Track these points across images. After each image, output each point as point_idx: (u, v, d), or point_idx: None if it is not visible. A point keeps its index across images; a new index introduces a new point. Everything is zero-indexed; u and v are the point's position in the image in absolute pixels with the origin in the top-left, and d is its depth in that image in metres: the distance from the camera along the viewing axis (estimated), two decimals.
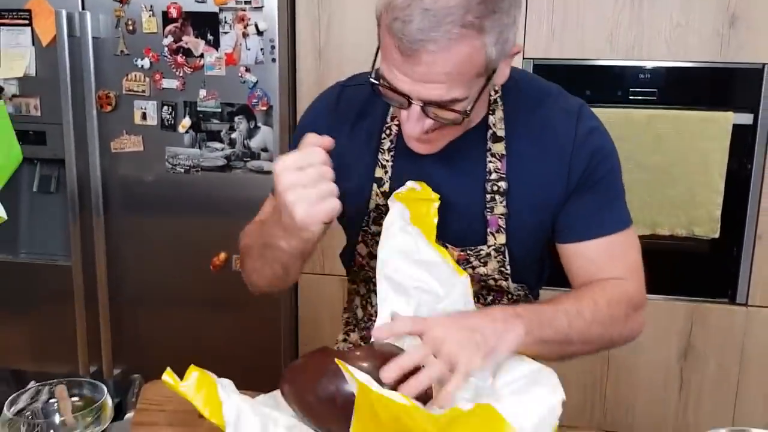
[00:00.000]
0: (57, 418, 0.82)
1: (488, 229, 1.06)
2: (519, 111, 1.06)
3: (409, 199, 1.00)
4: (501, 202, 1.05)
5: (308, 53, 2.07)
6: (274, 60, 1.96)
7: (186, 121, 2.03)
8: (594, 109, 1.93)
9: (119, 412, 1.03)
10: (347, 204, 0.95)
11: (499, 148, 1.05)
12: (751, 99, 1.91)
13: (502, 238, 1.06)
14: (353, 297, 1.26)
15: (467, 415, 0.77)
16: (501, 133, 1.05)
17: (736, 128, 1.90)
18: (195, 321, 2.16)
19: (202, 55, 1.98)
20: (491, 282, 1.10)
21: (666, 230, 1.98)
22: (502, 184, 1.04)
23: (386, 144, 1.08)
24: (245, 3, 1.92)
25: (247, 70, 1.97)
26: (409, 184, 1.01)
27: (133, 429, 0.99)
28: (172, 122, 2.04)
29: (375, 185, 1.09)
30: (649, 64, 1.95)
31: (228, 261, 2.10)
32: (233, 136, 2.01)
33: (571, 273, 1.09)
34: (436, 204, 0.99)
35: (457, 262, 1.04)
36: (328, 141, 0.90)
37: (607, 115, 1.90)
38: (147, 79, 2.03)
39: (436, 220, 0.98)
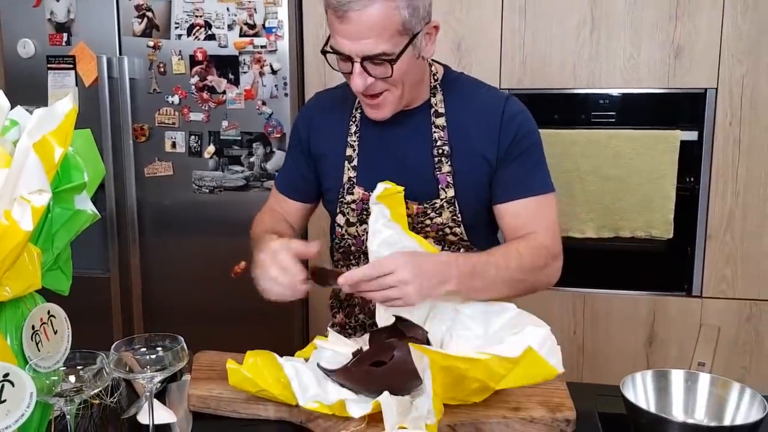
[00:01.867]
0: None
1: (439, 185, 1.32)
2: (457, 95, 1.36)
3: (385, 198, 1.27)
4: (447, 163, 1.32)
5: (315, 88, 2.38)
6: (286, 94, 2.28)
7: (210, 148, 2.34)
8: (561, 131, 2.28)
9: (174, 377, 1.27)
10: (327, 183, 1.37)
11: (441, 121, 1.34)
12: (696, 119, 2.22)
13: (451, 192, 1.32)
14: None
15: (517, 360, 0.98)
16: (441, 110, 1.34)
17: (684, 144, 2.21)
18: (218, 327, 2.42)
19: (224, 92, 2.30)
20: (447, 230, 1.36)
21: (627, 233, 2.27)
22: (446, 149, 1.32)
23: (353, 128, 1.38)
24: (261, 47, 2.25)
25: (264, 103, 2.29)
26: (381, 185, 1.27)
27: (192, 383, 1.21)
28: (198, 149, 2.35)
29: (346, 162, 1.38)
30: (607, 91, 2.25)
31: (248, 269, 2.38)
32: (251, 159, 2.32)
33: (503, 229, 1.36)
34: (401, 194, 1.27)
35: (417, 215, 1.33)
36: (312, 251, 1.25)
37: (573, 135, 2.24)
38: (176, 113, 2.34)
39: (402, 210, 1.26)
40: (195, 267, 2.43)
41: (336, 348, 1.26)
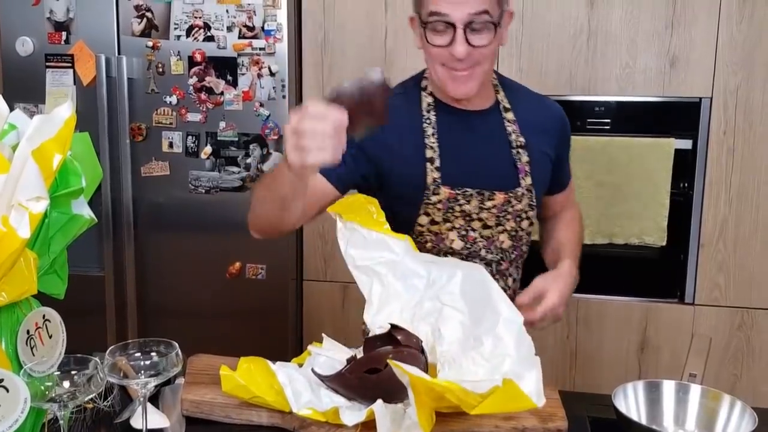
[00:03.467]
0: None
1: (519, 175, 1.42)
2: (515, 93, 1.48)
3: (343, 207, 1.29)
4: (524, 153, 1.43)
5: (313, 91, 2.39)
6: (284, 96, 2.28)
7: (207, 149, 2.34)
8: None
9: (168, 381, 1.28)
10: (401, 186, 1.37)
11: (510, 116, 1.44)
12: (690, 127, 2.23)
13: (529, 180, 1.43)
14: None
15: (495, 391, 0.97)
16: (508, 105, 1.45)
17: (678, 152, 2.22)
18: (213, 327, 2.42)
19: (222, 93, 2.30)
20: (523, 215, 1.45)
21: (621, 239, 2.28)
22: (522, 140, 1.43)
23: (429, 131, 1.39)
24: (260, 49, 2.26)
25: (261, 105, 2.29)
26: (344, 197, 1.32)
27: (186, 388, 1.22)
28: (195, 150, 2.36)
29: (428, 164, 1.38)
30: (603, 99, 2.27)
31: (242, 270, 2.40)
32: (248, 161, 2.33)
33: (548, 210, 1.59)
34: (361, 198, 1.30)
35: (502, 204, 1.40)
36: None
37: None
38: (174, 113, 2.35)
39: (372, 207, 1.28)
40: (190, 267, 2.44)
41: (330, 354, 1.27)
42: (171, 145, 2.37)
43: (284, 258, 2.39)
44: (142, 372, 1.06)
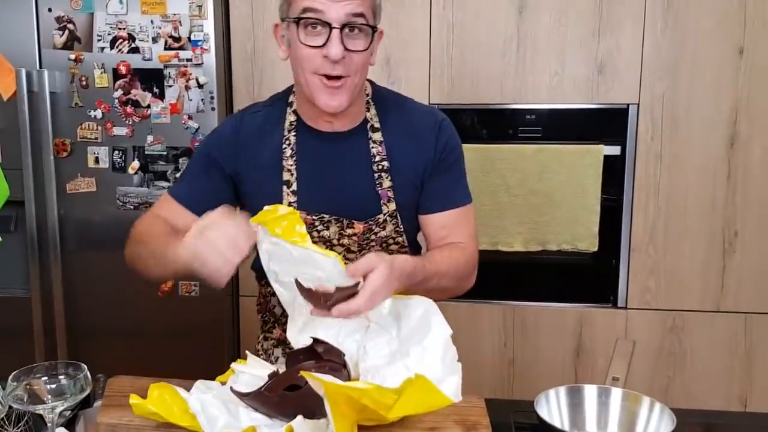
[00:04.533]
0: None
1: (381, 201, 1.32)
2: (389, 109, 1.36)
3: (265, 218, 1.22)
4: (387, 178, 1.32)
5: (244, 101, 2.35)
6: (213, 108, 2.24)
7: (135, 164, 2.28)
8: (489, 145, 2.31)
9: (87, 403, 1.21)
10: (261, 207, 1.24)
11: (377, 136, 1.34)
12: (619, 134, 2.28)
13: (393, 206, 1.33)
14: (269, 298, 1.48)
15: (408, 387, 0.95)
16: (377, 125, 1.34)
17: (607, 158, 2.26)
18: (146, 346, 2.36)
19: (149, 106, 2.24)
20: (390, 241, 1.36)
21: (554, 246, 2.31)
22: (385, 164, 1.32)
23: (287, 152, 1.33)
24: (187, 60, 2.21)
25: (190, 117, 2.24)
26: (266, 207, 1.24)
27: (103, 410, 1.17)
28: (123, 165, 2.29)
29: (284, 187, 1.32)
30: (534, 107, 2.30)
31: (174, 287, 2.33)
32: (178, 175, 2.27)
33: (428, 237, 1.39)
34: (283, 210, 1.22)
35: (363, 233, 1.33)
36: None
37: (500, 150, 2.27)
38: (99, 128, 2.27)
39: (299, 227, 1.21)
40: (121, 285, 2.35)
41: (253, 371, 1.23)
42: (97, 160, 2.29)
43: None
44: (50, 397, 1.00)
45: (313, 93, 1.25)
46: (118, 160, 2.28)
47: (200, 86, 2.22)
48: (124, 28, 2.21)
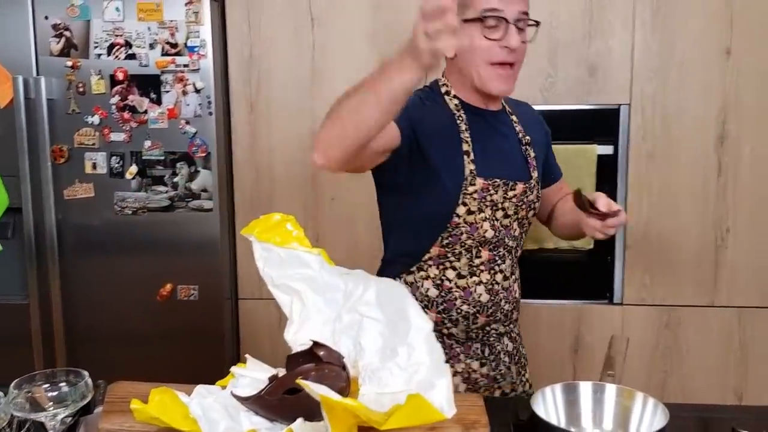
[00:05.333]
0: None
1: (530, 168, 1.54)
2: (507, 100, 1.61)
3: (255, 228, 1.27)
4: (531, 149, 1.56)
5: (241, 106, 2.37)
6: (210, 113, 2.26)
7: (133, 169, 2.29)
8: None
9: (88, 409, 1.23)
10: (447, 176, 1.43)
11: (514, 117, 1.58)
12: (611, 133, 2.30)
13: (536, 173, 1.56)
14: (419, 282, 1.51)
15: (404, 407, 0.98)
16: (509, 108, 1.59)
17: (601, 157, 2.29)
18: (146, 351, 2.37)
19: (146, 111, 2.26)
20: (533, 206, 1.56)
21: (551, 244, 2.33)
22: (527, 138, 1.56)
23: (462, 126, 1.48)
24: (184, 66, 2.23)
25: (187, 122, 2.26)
26: (260, 217, 1.29)
27: (104, 417, 1.17)
28: (120, 170, 2.30)
29: (465, 156, 1.46)
30: None
31: (173, 291, 2.35)
32: (176, 180, 2.29)
33: (549, 205, 1.68)
34: (277, 217, 1.27)
35: (519, 195, 1.51)
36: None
37: None
38: (97, 134, 2.29)
39: (289, 225, 1.26)
40: (119, 291, 2.37)
41: (253, 375, 1.25)
42: (94, 166, 2.31)
43: (218, 277, 2.35)
44: (51, 404, 1.02)
45: (486, 82, 1.45)
46: (116, 165, 2.30)
47: (197, 91, 2.24)
48: (120, 35, 2.23)
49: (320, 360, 1.19)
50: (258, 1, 2.33)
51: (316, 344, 1.21)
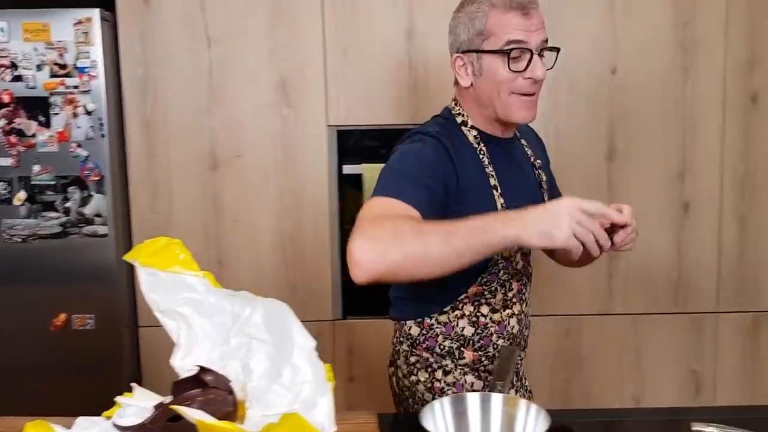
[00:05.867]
0: None
1: (542, 193, 1.55)
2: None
3: (139, 253, 1.23)
4: (543, 173, 1.57)
5: (136, 127, 2.31)
6: (103, 135, 2.19)
7: (21, 195, 2.19)
8: None
9: None
10: (481, 212, 1.30)
11: (524, 141, 1.57)
12: None
13: (547, 197, 1.54)
14: (455, 321, 1.46)
15: (278, 426, 0.96)
16: (518, 134, 1.56)
17: None
18: (41, 384, 2.26)
19: (34, 135, 2.16)
20: None
21: None
22: (539, 161, 1.56)
23: (485, 160, 1.44)
24: (74, 87, 2.15)
25: (79, 145, 2.18)
26: (146, 242, 1.25)
27: None
28: (8, 196, 2.19)
29: (494, 191, 1.43)
30: None
31: (68, 321, 2.25)
32: (67, 205, 2.20)
33: None
34: (163, 240, 1.25)
35: None
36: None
37: None
38: None
39: (177, 249, 1.23)
40: (10, 322, 2.25)
41: (139, 403, 1.21)
42: None
43: (115, 305, 2.27)
44: None
45: (510, 111, 1.40)
46: (3, 191, 2.19)
47: (89, 113, 2.16)
48: (6, 56, 2.13)
49: (206, 385, 1.16)
50: (151, 21, 2.28)
51: (202, 369, 1.18)
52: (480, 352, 1.48)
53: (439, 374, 1.52)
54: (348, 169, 2.33)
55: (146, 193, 2.34)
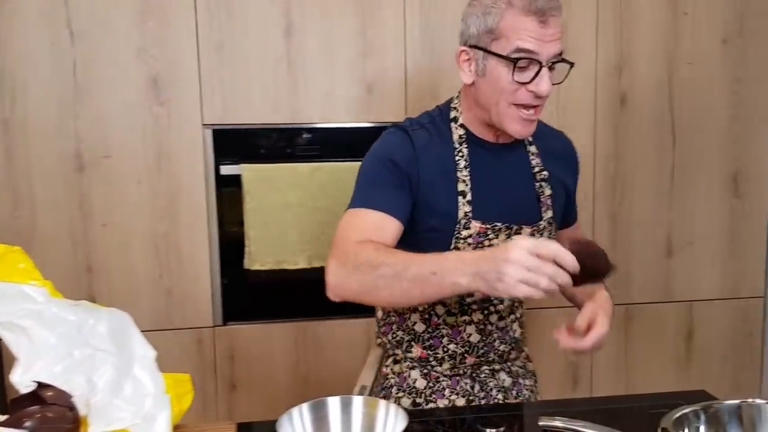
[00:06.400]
0: None
1: (541, 208, 1.43)
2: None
3: None
4: (547, 187, 1.44)
5: None
6: None
7: None
8: (268, 165, 2.31)
9: None
10: (439, 218, 1.30)
11: (533, 149, 1.46)
12: None
13: (550, 213, 1.45)
14: (407, 314, 1.46)
15: None
16: (531, 138, 1.45)
17: None
18: None
19: None
20: None
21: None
22: (545, 173, 1.45)
23: (461, 163, 1.37)
24: None
25: None
26: None
27: None
28: None
29: (460, 197, 1.35)
30: (309, 126, 2.32)
31: None
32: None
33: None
34: (2, 248, 1.16)
35: (531, 234, 1.41)
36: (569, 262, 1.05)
37: (279, 169, 2.27)
38: None
39: (17, 256, 1.15)
40: None
41: None
42: None
43: None
44: None
45: (505, 121, 1.32)
46: None
47: None
48: None
49: (45, 402, 1.08)
50: (5, 14, 2.12)
51: (41, 385, 1.10)
52: (429, 351, 1.46)
53: (389, 360, 1.53)
54: (225, 169, 2.26)
55: (6, 198, 2.17)
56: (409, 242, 1.33)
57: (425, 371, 1.48)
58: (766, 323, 2.64)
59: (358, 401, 1.16)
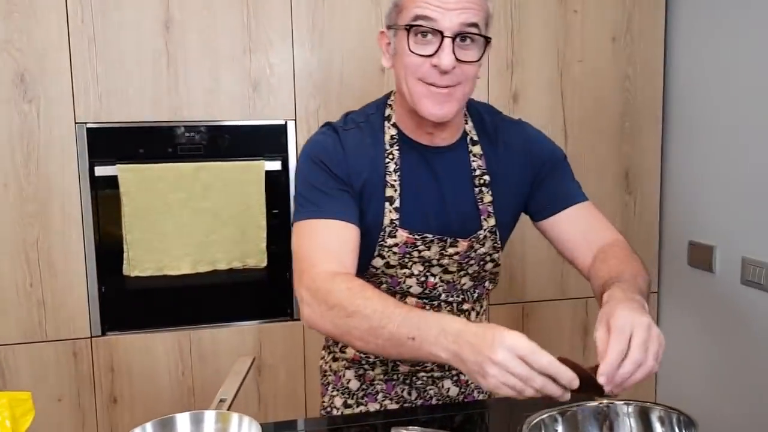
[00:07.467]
0: None
1: (481, 217, 1.30)
2: (483, 120, 1.35)
3: None
4: (488, 192, 1.30)
5: None
6: None
7: None
8: (147, 165, 2.19)
9: None
10: (366, 225, 1.23)
11: (477, 149, 1.31)
12: (279, 149, 2.30)
13: (492, 221, 1.31)
14: None
15: None
16: (476, 137, 1.32)
17: (270, 173, 2.27)
18: None
19: None
20: (487, 258, 1.33)
21: (224, 265, 2.25)
22: (486, 178, 1.30)
23: (391, 166, 1.26)
24: None
25: None
26: None
27: None
28: None
29: (387, 203, 1.25)
30: (192, 124, 2.21)
31: None
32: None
33: (560, 239, 1.34)
34: None
35: (465, 251, 1.29)
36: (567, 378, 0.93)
37: (160, 169, 2.16)
38: None
39: None
40: None
41: None
42: None
43: None
44: None
45: (417, 101, 1.20)
46: None
47: None
48: None
49: None
50: None
51: None
52: (361, 354, 1.39)
53: (329, 357, 1.48)
54: (101, 170, 2.13)
55: None
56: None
57: (360, 372, 1.42)
58: (660, 319, 2.71)
59: (210, 416, 1.09)
